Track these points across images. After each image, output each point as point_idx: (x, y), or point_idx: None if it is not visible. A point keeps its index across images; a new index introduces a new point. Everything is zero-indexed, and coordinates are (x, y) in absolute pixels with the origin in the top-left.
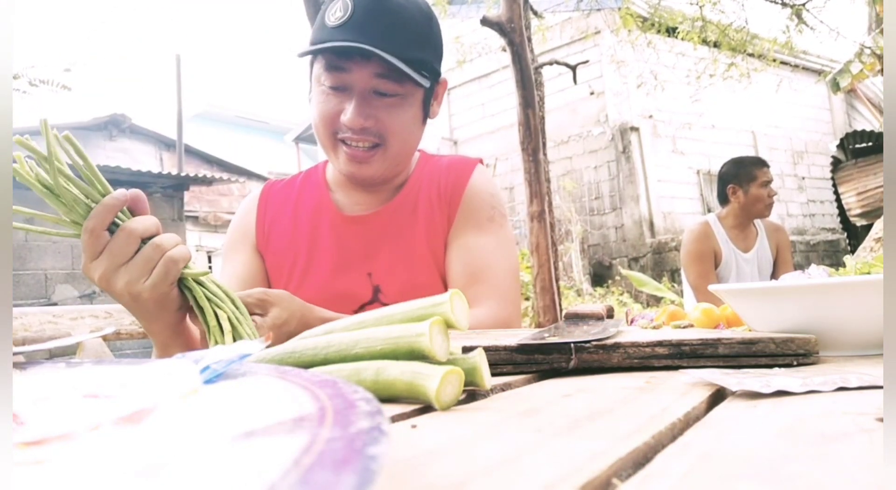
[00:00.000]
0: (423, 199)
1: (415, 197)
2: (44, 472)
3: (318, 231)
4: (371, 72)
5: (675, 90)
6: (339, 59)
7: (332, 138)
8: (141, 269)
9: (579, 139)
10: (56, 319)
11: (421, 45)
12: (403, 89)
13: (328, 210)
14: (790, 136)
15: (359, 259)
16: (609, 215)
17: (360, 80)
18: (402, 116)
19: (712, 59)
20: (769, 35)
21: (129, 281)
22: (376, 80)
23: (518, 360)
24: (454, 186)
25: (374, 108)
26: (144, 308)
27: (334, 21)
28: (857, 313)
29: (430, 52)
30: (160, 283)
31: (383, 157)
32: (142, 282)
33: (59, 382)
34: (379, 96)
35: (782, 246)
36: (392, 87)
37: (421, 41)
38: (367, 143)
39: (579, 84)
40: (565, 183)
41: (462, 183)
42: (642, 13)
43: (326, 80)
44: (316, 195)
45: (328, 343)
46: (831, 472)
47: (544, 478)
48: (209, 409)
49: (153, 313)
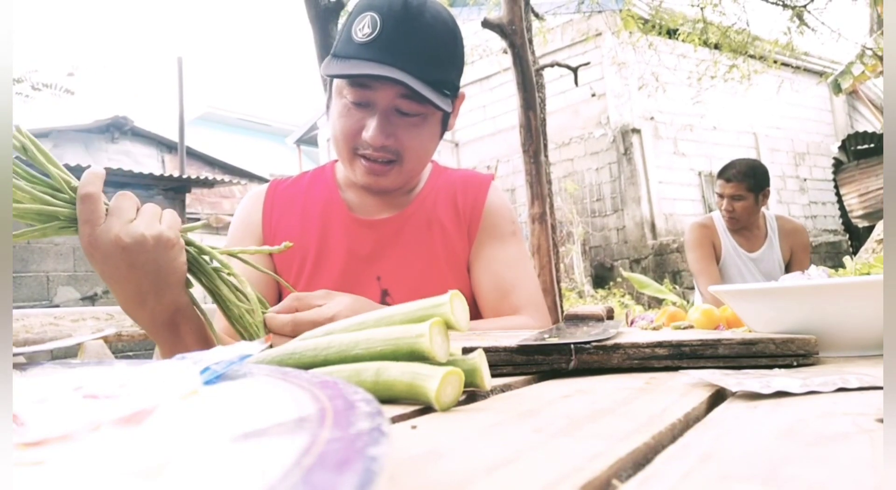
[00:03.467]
0: (440, 210)
1: (430, 207)
2: (44, 472)
3: (328, 231)
4: (395, 92)
5: (676, 92)
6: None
7: (351, 153)
8: (152, 215)
9: (580, 141)
10: (57, 321)
11: (445, 66)
12: (425, 109)
13: (339, 210)
14: (792, 138)
15: (368, 262)
16: (610, 217)
17: (383, 99)
18: (421, 135)
19: (713, 61)
20: (770, 37)
21: (147, 224)
22: (399, 100)
23: (518, 360)
24: (473, 202)
25: (395, 127)
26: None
27: (362, 37)
28: (857, 314)
29: (453, 70)
30: (174, 225)
31: (399, 172)
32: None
33: (59, 383)
34: (400, 115)
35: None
36: (414, 107)
37: (445, 61)
38: (384, 158)
39: (580, 86)
40: (567, 185)
41: (481, 199)
42: (643, 15)
43: (349, 95)
44: (326, 195)
45: (328, 344)
46: (831, 473)
47: (544, 478)
48: (209, 409)
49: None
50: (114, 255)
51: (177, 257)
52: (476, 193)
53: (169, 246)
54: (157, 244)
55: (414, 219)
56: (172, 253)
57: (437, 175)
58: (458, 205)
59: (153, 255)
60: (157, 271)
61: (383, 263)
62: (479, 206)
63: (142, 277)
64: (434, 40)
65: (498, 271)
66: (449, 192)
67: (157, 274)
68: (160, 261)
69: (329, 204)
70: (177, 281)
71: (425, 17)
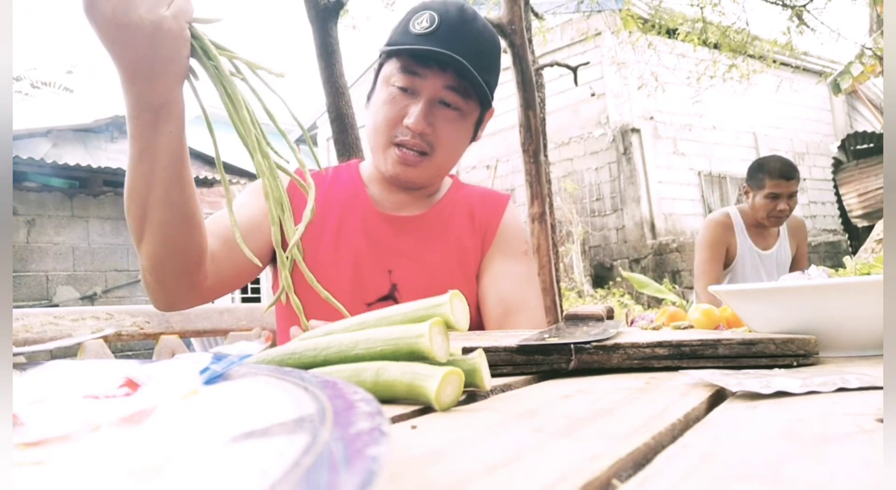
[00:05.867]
0: (457, 219)
1: (449, 213)
2: (43, 472)
3: (348, 218)
4: (443, 82)
5: (675, 92)
6: (416, 64)
7: (388, 141)
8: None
9: (580, 141)
10: (57, 321)
11: (491, 70)
12: (466, 105)
13: (362, 201)
14: (791, 138)
15: (382, 254)
16: (610, 217)
17: (430, 87)
18: (456, 131)
19: (713, 61)
20: (770, 36)
21: (150, 6)
22: (444, 91)
23: (518, 360)
24: (490, 216)
25: (436, 117)
26: (160, 46)
27: (420, 30)
28: (857, 314)
29: (493, 78)
30: (180, 14)
31: (429, 165)
32: (163, 7)
33: (59, 383)
34: (443, 106)
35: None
36: (457, 100)
37: (491, 66)
38: (419, 147)
39: (580, 86)
40: (566, 184)
41: (498, 214)
42: (643, 15)
43: (398, 81)
44: (350, 187)
45: (328, 344)
46: (831, 473)
47: (544, 478)
48: (209, 409)
49: (164, 56)
50: (109, 31)
51: (178, 50)
52: (494, 209)
53: (170, 36)
54: (155, 30)
55: (433, 222)
56: (173, 44)
57: (457, 188)
58: (476, 216)
59: (150, 41)
60: (153, 58)
61: (397, 258)
62: (496, 221)
63: (135, 60)
64: (483, 44)
65: (506, 287)
66: (467, 203)
67: (153, 61)
68: (157, 48)
69: (353, 194)
70: (173, 73)
71: (477, 24)
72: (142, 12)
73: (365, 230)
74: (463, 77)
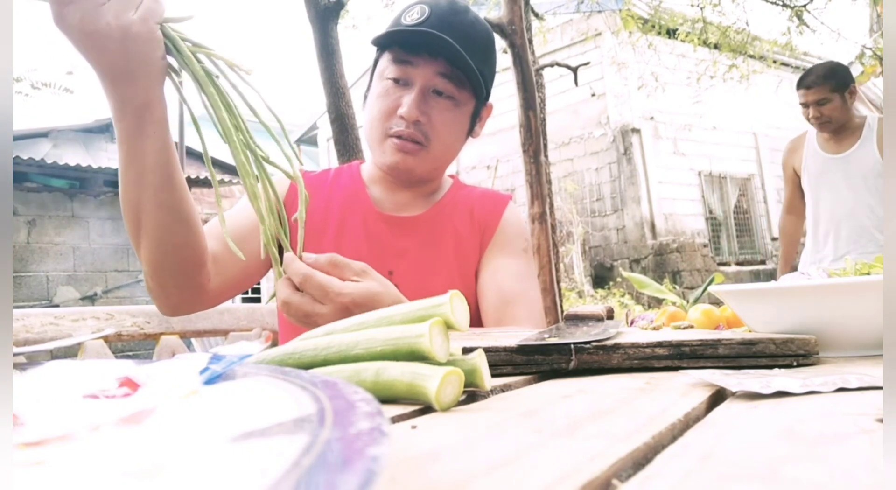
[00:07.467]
0: (457, 218)
1: (449, 214)
2: (44, 472)
3: (349, 219)
4: (435, 70)
5: (675, 92)
6: (407, 54)
7: (384, 134)
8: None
9: (580, 141)
10: (57, 321)
11: (485, 60)
12: (460, 94)
13: (363, 202)
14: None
15: (383, 255)
16: (610, 217)
17: (423, 76)
18: (451, 121)
19: (713, 61)
20: (770, 36)
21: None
22: (438, 79)
23: (518, 360)
24: (490, 214)
25: (430, 106)
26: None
27: (411, 21)
28: (857, 314)
29: (489, 70)
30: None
31: (426, 155)
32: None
33: (59, 383)
34: (436, 95)
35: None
36: (450, 88)
37: (483, 56)
38: (414, 137)
39: (580, 86)
40: (566, 185)
41: (498, 212)
42: (643, 15)
43: (391, 72)
44: (351, 187)
45: (328, 344)
46: (831, 473)
47: (544, 478)
48: (209, 409)
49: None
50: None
51: (150, 52)
52: (494, 207)
53: (140, 39)
54: (125, 35)
55: (432, 222)
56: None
57: (458, 189)
58: (475, 215)
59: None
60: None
61: (397, 259)
62: (496, 219)
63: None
64: (475, 34)
65: (504, 282)
66: (467, 203)
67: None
68: (130, 52)
69: (354, 195)
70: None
71: (469, 15)
72: (109, 19)
73: (366, 231)
74: (455, 65)
